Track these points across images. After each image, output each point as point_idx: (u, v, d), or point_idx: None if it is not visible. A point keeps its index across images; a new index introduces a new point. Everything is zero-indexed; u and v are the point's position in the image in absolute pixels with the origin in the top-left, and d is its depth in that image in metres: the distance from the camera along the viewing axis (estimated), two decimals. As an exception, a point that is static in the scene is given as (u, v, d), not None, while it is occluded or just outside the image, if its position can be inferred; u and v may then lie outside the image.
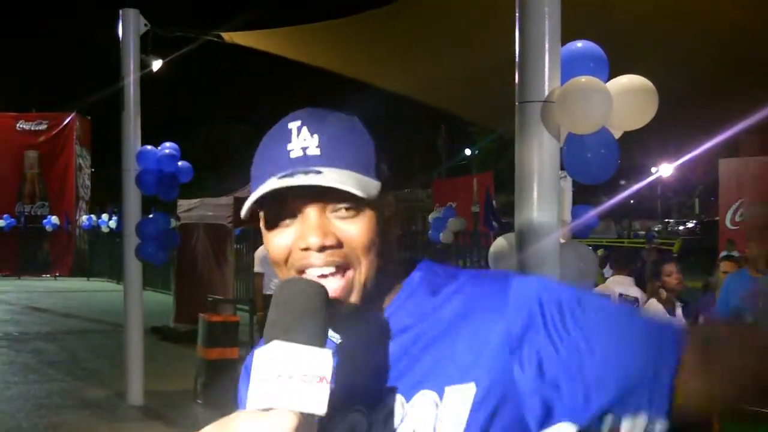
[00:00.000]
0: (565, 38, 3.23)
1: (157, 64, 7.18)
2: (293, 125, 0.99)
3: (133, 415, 6.57)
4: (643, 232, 31.73)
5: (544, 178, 3.11)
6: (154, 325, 10.03)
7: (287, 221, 0.97)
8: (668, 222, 38.83)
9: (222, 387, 6.99)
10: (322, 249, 0.95)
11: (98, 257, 20.58)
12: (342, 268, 0.96)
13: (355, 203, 0.95)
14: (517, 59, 3.22)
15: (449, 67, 7.17)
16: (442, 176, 26.79)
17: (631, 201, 35.01)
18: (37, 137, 21.16)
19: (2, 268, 20.45)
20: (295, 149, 0.97)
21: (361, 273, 0.97)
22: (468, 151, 34.98)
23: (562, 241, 3.23)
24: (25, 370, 8.39)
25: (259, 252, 8.43)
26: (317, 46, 6.84)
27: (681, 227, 35.48)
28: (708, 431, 3.71)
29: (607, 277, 6.35)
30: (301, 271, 0.96)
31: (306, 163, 0.95)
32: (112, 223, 18.70)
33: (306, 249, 0.95)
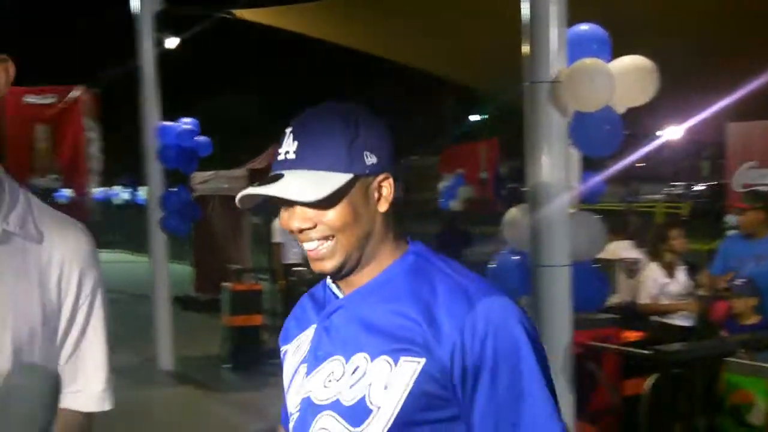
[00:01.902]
0: (571, 20, 3.46)
1: (172, 42, 7.39)
2: (288, 130, 1.24)
3: (165, 379, 6.94)
4: (649, 196, 31.87)
5: (552, 152, 3.36)
6: (174, 295, 10.37)
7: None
8: (676, 185, 38.89)
9: (247, 351, 7.35)
10: (300, 231, 1.22)
11: (112, 229, 20.95)
12: (324, 238, 1.22)
13: (319, 201, 1.18)
14: (525, 42, 3.45)
15: (457, 39, 7.36)
16: (449, 143, 26.94)
17: (640, 165, 35.06)
18: (45, 111, 21.35)
19: (17, 241, 20.87)
20: (281, 153, 1.22)
21: (341, 242, 1.22)
22: (474, 117, 35.02)
23: (571, 210, 3.48)
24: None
25: (277, 223, 8.72)
26: (325, 21, 7.04)
27: (689, 190, 35.55)
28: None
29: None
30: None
31: (284, 165, 1.21)
32: (126, 195, 19.05)
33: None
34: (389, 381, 1.18)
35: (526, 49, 3.45)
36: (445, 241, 9.80)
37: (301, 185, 1.17)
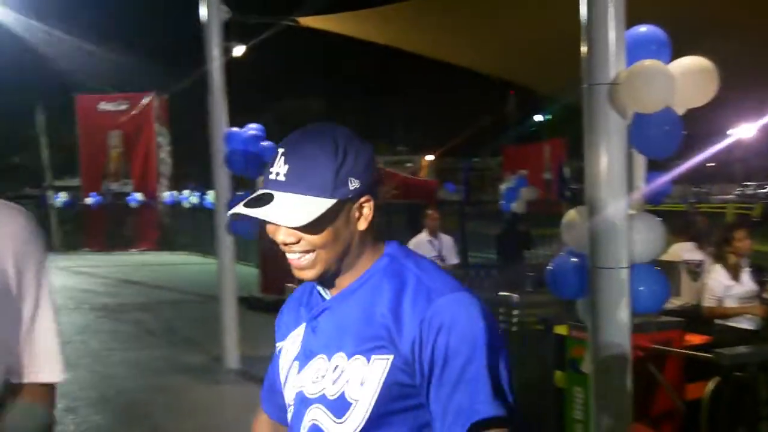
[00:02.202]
0: (629, 22, 3.45)
1: (239, 50, 7.60)
2: (280, 150, 1.34)
3: (232, 377, 7.13)
4: (721, 197, 30.98)
5: (611, 153, 3.36)
6: (240, 295, 10.62)
7: None
8: (748, 185, 37.68)
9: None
10: (285, 244, 1.33)
11: (181, 231, 21.50)
12: (306, 252, 1.33)
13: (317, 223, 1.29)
14: (583, 44, 3.46)
15: (516, 40, 7.36)
16: (511, 144, 26.73)
17: (710, 165, 34.09)
18: (118, 117, 22.08)
19: (92, 243, 21.62)
20: (272, 173, 1.32)
21: (321, 256, 1.34)
22: (538, 118, 34.65)
23: (632, 212, 3.47)
24: (127, 338, 9.09)
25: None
26: (387, 27, 7.14)
27: (762, 190, 34.42)
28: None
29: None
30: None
31: (274, 186, 1.31)
32: (194, 199, 19.52)
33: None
34: (364, 377, 1.33)
35: (584, 50, 3.46)
36: (505, 244, 9.78)
37: (288, 210, 1.29)
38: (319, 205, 1.29)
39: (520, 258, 9.20)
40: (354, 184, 1.33)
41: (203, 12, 7.09)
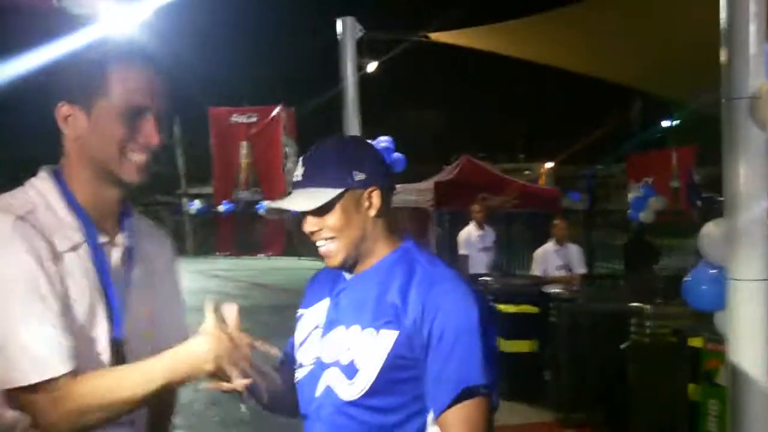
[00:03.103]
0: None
1: (372, 66, 7.93)
2: (301, 159, 1.69)
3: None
4: None
5: (753, 169, 3.37)
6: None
7: None
8: None
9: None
10: (312, 233, 1.65)
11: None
12: (328, 239, 1.64)
13: (317, 210, 1.61)
14: (722, 58, 3.48)
15: (644, 47, 7.27)
16: (635, 151, 25.93)
17: None
18: (249, 129, 23.19)
19: (223, 248, 22.79)
20: (295, 176, 1.67)
21: (341, 241, 1.63)
22: (665, 124, 33.40)
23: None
24: (261, 337, 9.57)
25: (462, 234, 9.03)
26: (514, 40, 7.24)
27: None
28: None
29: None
30: None
31: (296, 186, 1.65)
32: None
33: None
34: (373, 347, 1.59)
35: (723, 59, 3.47)
36: (633, 254, 9.63)
37: (302, 200, 1.62)
38: (327, 194, 1.60)
39: (649, 269, 9.04)
40: (359, 176, 1.62)
41: (339, 30, 7.45)
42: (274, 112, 22.87)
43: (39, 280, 1.40)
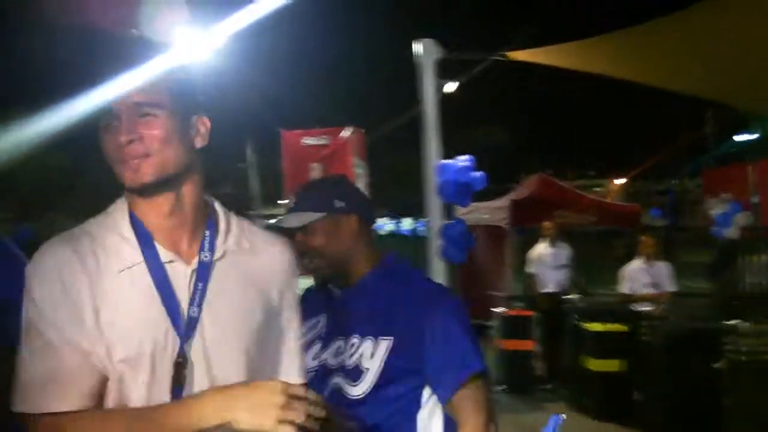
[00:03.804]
0: None
1: (451, 86, 8.00)
2: (297, 190, 2.06)
3: (444, 397, 7.43)
4: None
5: None
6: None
7: None
8: None
9: (520, 375, 7.67)
10: (300, 252, 1.87)
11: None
12: (315, 256, 1.98)
13: (304, 230, 1.95)
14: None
15: (721, 58, 7.13)
16: (711, 165, 25.22)
17: None
18: (320, 151, 23.47)
19: (297, 267, 23.12)
20: (290, 202, 2.03)
21: (325, 259, 1.96)
22: (738, 138, 32.41)
23: None
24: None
25: (534, 252, 8.97)
26: (591, 57, 7.21)
27: None
28: None
29: None
30: None
31: (290, 210, 2.00)
32: (390, 226, 20.34)
33: None
34: (373, 353, 1.88)
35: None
36: (719, 271, 9.38)
37: (290, 220, 1.97)
38: (310, 216, 1.95)
39: (735, 286, 8.80)
40: (339, 204, 1.97)
41: (417, 52, 7.56)
42: (345, 134, 23.15)
43: (47, 316, 1.38)
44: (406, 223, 19.28)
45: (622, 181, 36.05)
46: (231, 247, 1.55)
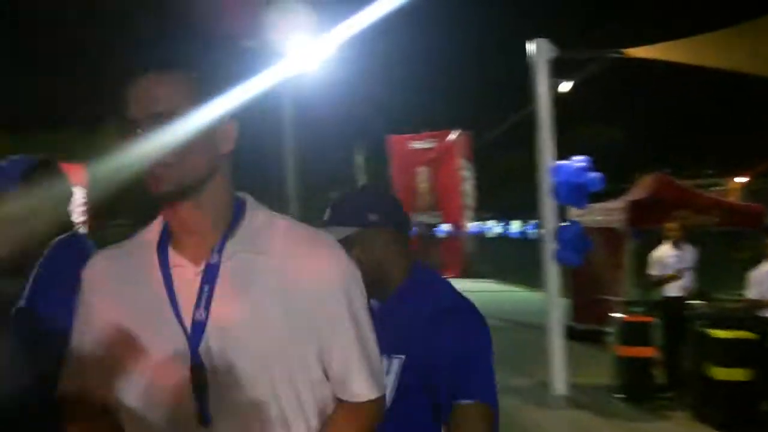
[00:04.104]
0: None
1: (565, 86, 7.86)
2: (330, 204, 2.00)
3: (560, 403, 7.29)
4: None
5: None
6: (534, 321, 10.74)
7: None
8: None
9: (639, 383, 7.41)
10: None
11: (483, 260, 22.26)
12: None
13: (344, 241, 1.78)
14: None
15: None
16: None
17: None
18: (427, 154, 23.53)
19: (403, 271, 23.20)
20: (325, 217, 1.99)
21: (363, 271, 1.77)
22: None
23: None
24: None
25: (656, 254, 8.63)
26: (722, 50, 6.91)
27: None
28: None
29: None
30: None
31: (326, 223, 1.97)
32: (498, 229, 20.14)
33: None
34: (388, 369, 1.82)
35: None
36: None
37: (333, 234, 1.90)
38: (343, 231, 1.90)
39: None
40: (373, 217, 1.94)
41: (531, 52, 7.48)
42: (451, 137, 23.09)
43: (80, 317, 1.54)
44: (515, 226, 19.14)
45: (743, 179, 34.21)
46: (246, 248, 1.47)
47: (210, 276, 1.44)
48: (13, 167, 2.34)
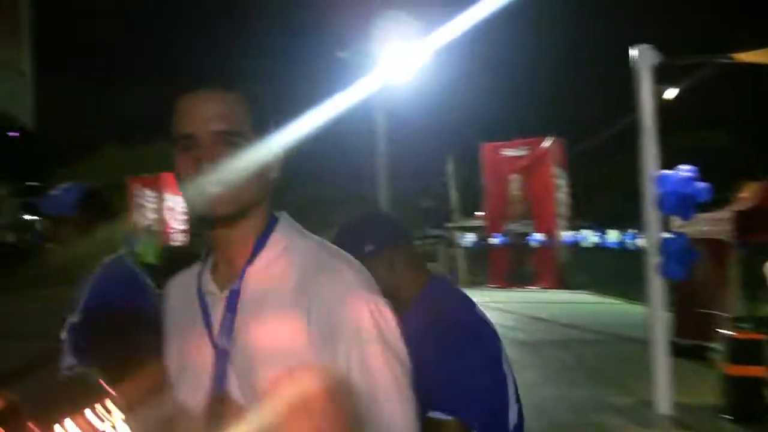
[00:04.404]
0: None
1: (671, 93, 7.59)
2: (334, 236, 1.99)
3: (664, 424, 7.00)
4: None
5: None
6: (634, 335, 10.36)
7: None
8: None
9: (749, 403, 7.03)
10: None
11: (579, 270, 21.73)
12: None
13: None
14: None
15: None
16: None
17: None
18: (518, 162, 23.29)
19: (494, 280, 22.95)
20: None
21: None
22: None
23: None
24: (551, 373, 9.41)
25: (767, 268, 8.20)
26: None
27: None
28: None
29: None
30: None
31: None
32: (594, 239, 19.62)
33: None
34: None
35: None
36: None
37: None
38: (366, 249, 1.96)
39: None
40: (369, 248, 1.99)
41: (634, 58, 7.26)
42: (545, 145, 22.75)
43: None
44: (612, 235, 18.57)
45: None
46: (265, 274, 1.41)
47: (231, 304, 1.41)
48: (67, 195, 2.69)
